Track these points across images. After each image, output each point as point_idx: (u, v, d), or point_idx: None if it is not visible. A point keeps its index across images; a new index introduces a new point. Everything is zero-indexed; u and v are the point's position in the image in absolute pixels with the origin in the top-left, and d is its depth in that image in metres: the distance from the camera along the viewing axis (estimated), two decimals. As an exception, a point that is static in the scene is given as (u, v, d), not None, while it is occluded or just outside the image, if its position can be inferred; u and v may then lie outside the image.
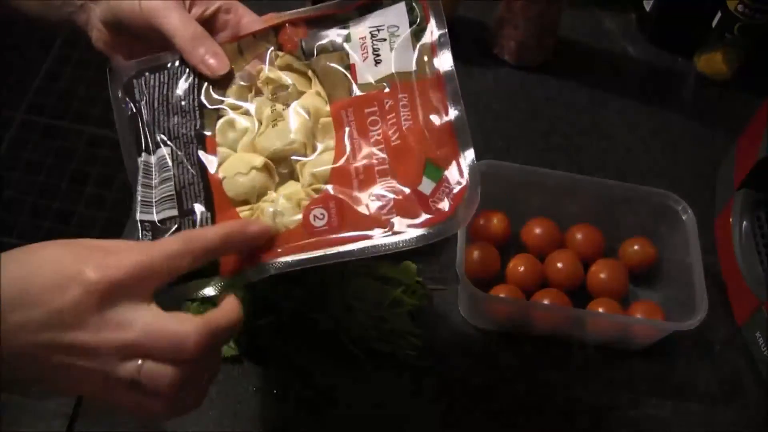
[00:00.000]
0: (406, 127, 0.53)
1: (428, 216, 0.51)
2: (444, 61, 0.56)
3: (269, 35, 0.59)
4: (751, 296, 0.76)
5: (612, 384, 0.73)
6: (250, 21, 0.60)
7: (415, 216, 0.51)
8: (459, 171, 0.52)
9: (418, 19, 0.57)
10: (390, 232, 0.51)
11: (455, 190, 0.51)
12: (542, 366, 0.73)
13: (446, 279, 0.76)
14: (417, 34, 0.57)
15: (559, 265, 0.75)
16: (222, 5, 0.60)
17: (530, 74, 0.96)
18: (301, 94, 0.57)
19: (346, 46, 0.57)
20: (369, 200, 0.52)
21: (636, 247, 0.78)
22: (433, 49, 0.56)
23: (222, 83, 0.57)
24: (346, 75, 0.56)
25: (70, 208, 1.66)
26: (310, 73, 0.58)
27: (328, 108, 0.56)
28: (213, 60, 0.57)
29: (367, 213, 0.51)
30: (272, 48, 0.59)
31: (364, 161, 0.53)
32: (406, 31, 0.57)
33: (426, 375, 0.70)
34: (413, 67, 0.55)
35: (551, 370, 0.73)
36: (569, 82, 0.96)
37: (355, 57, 0.57)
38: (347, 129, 0.54)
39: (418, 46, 0.56)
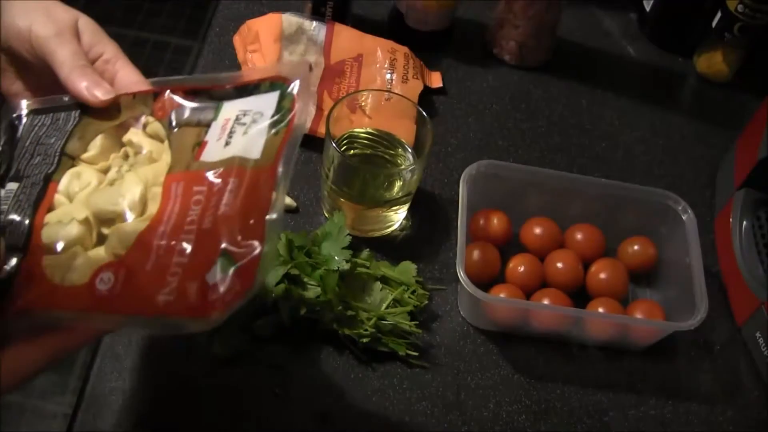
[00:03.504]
0: (221, 212, 0.51)
1: (198, 306, 0.49)
2: (287, 159, 0.52)
3: (148, 99, 0.58)
4: (751, 296, 0.76)
5: (612, 384, 0.73)
6: (127, 74, 0.59)
7: (187, 305, 0.49)
8: (247, 273, 0.49)
9: (283, 111, 0.55)
10: (160, 315, 0.49)
11: (230, 293, 0.48)
12: (542, 366, 0.73)
13: (446, 279, 0.76)
14: (275, 124, 0.54)
15: (559, 265, 0.76)
16: (105, 54, 0.59)
17: (530, 74, 0.96)
18: (153, 162, 0.56)
19: (213, 123, 0.56)
20: (157, 278, 0.50)
21: (636, 247, 0.78)
22: (282, 143, 0.53)
23: (90, 135, 0.57)
24: (191, 150, 0.55)
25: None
26: (166, 143, 0.57)
27: (163, 178, 0.54)
28: (97, 89, 0.56)
29: (149, 291, 0.50)
30: (146, 113, 0.58)
31: (171, 240, 0.51)
32: (266, 120, 0.55)
33: (426, 375, 0.70)
34: (256, 155, 0.53)
35: (551, 370, 0.73)
36: (569, 82, 0.96)
37: (211, 135, 0.55)
38: (171, 204, 0.53)
39: (269, 135, 0.54)
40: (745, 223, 0.80)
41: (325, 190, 0.76)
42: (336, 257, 0.69)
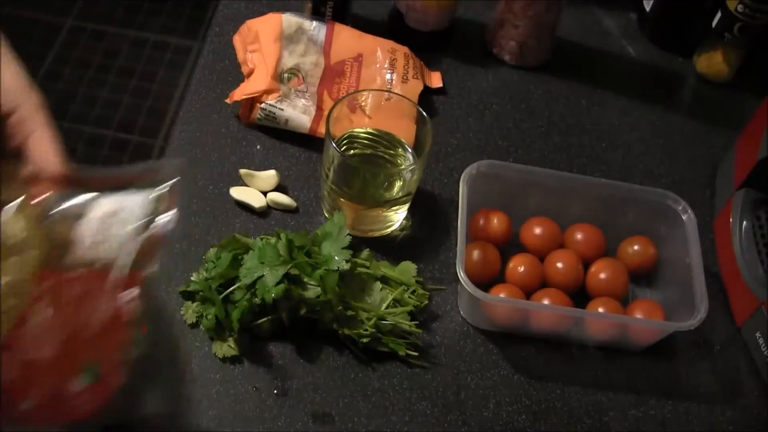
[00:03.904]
0: (87, 317, 0.51)
1: (64, 414, 0.49)
2: (152, 266, 0.53)
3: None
4: (751, 296, 0.76)
5: (612, 384, 0.73)
6: (39, 137, 0.56)
7: (52, 416, 0.49)
8: (112, 376, 0.50)
9: (154, 213, 0.55)
10: (25, 421, 0.49)
11: (96, 395, 0.50)
12: (542, 366, 0.73)
13: (446, 279, 0.76)
14: (145, 227, 0.54)
15: (559, 265, 0.76)
16: (19, 112, 0.56)
17: (530, 74, 0.96)
18: (26, 250, 0.54)
19: (85, 219, 0.55)
20: (22, 384, 0.49)
21: (636, 247, 0.78)
22: (149, 250, 0.54)
23: None
24: (62, 247, 0.54)
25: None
26: (39, 233, 0.55)
27: (31, 275, 0.53)
28: None
29: (14, 396, 0.49)
30: (25, 195, 0.56)
31: (36, 343, 0.50)
32: (137, 222, 0.55)
33: (426, 375, 0.70)
34: (123, 262, 0.53)
35: (551, 370, 0.73)
36: (569, 82, 0.96)
37: (82, 232, 0.55)
38: (38, 304, 0.52)
39: (137, 240, 0.54)
40: (745, 223, 0.80)
41: (325, 190, 0.76)
42: (336, 257, 0.69)
